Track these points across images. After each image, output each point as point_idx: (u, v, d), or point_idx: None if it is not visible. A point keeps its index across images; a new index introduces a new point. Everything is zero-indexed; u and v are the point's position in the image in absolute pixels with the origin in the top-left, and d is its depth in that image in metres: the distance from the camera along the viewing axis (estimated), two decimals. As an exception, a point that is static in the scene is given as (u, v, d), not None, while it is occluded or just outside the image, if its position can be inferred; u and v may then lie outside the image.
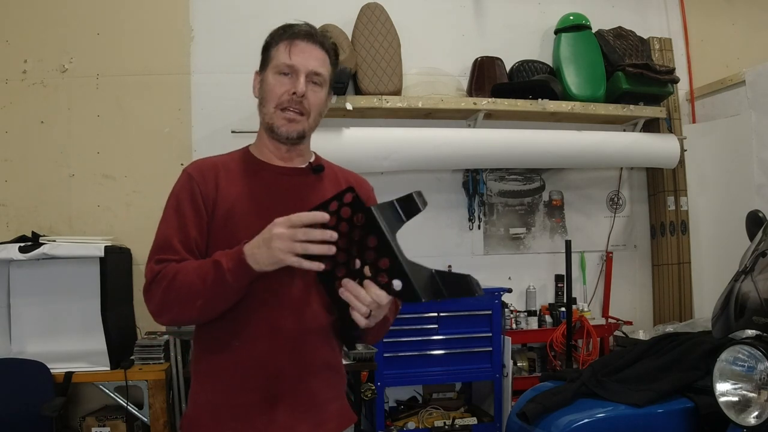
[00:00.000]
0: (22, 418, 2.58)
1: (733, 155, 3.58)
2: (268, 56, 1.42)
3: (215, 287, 1.23)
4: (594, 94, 3.62)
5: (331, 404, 1.41)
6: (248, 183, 1.39)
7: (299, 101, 1.36)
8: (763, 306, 1.88)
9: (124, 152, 3.34)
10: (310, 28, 1.43)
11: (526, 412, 2.27)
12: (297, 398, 1.34)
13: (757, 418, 1.80)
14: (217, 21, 3.47)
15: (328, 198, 1.19)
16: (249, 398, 1.32)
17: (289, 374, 1.33)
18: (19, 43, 3.30)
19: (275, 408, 1.32)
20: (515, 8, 3.89)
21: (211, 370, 1.36)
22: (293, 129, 1.38)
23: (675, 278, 3.86)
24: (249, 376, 1.32)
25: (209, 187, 1.36)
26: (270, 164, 1.43)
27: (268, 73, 1.41)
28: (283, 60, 1.37)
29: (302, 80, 1.36)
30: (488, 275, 3.71)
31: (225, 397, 1.33)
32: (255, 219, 1.31)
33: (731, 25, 4.23)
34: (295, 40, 1.39)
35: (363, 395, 2.91)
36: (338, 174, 1.52)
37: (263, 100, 1.41)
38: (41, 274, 3.03)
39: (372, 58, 3.33)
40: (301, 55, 1.38)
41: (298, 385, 1.35)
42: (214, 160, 1.44)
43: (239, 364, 1.32)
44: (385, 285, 1.15)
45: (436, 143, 3.39)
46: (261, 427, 1.32)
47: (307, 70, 1.38)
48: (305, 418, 1.35)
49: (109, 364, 2.73)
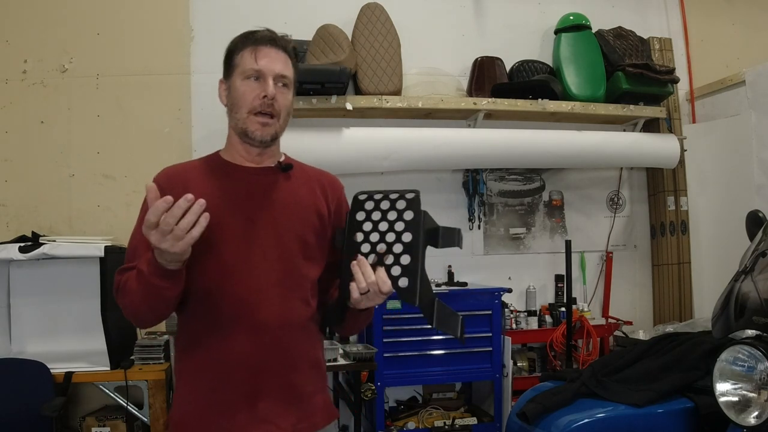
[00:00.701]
0: (22, 418, 2.58)
1: (733, 155, 3.58)
2: (233, 63, 1.45)
3: (147, 290, 1.26)
4: (594, 94, 3.62)
5: (313, 398, 1.44)
6: (219, 184, 1.42)
7: (270, 104, 1.40)
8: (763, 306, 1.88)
9: (124, 152, 3.34)
10: (272, 33, 1.45)
11: (526, 412, 2.27)
12: (280, 393, 1.37)
13: (757, 418, 1.80)
14: (217, 21, 3.46)
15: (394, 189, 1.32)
16: (232, 394, 1.34)
17: (271, 369, 1.36)
18: (19, 43, 3.30)
19: (258, 403, 1.35)
20: (515, 8, 3.89)
21: (193, 368, 1.38)
22: (267, 133, 1.41)
23: (675, 278, 3.86)
24: (232, 373, 1.34)
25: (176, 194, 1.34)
26: (240, 166, 1.46)
27: (235, 80, 1.43)
28: (250, 65, 1.40)
29: (271, 83, 1.40)
30: (488, 275, 3.71)
31: (209, 394, 1.35)
32: (228, 218, 1.35)
33: (731, 25, 4.23)
34: (259, 45, 1.42)
35: (363, 395, 2.91)
36: (308, 172, 1.55)
37: (234, 107, 1.43)
38: (41, 274, 3.03)
39: (372, 58, 3.33)
40: (266, 59, 1.41)
41: (281, 380, 1.37)
42: (183, 165, 1.47)
43: (222, 360, 1.35)
44: (394, 278, 1.24)
45: (436, 143, 3.39)
46: (245, 421, 1.34)
47: (274, 74, 1.41)
48: (288, 412, 1.38)
49: (109, 364, 2.73)
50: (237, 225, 1.37)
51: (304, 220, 1.44)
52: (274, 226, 1.40)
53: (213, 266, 1.35)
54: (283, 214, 1.42)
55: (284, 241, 1.40)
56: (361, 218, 1.33)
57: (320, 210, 1.47)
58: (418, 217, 1.28)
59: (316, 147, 3.24)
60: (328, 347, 2.86)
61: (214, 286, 1.35)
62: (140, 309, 1.32)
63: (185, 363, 1.41)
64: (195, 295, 1.36)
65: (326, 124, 3.42)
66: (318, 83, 3.12)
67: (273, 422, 1.35)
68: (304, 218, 1.44)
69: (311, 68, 3.13)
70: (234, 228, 1.36)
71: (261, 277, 1.36)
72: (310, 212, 1.46)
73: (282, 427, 1.36)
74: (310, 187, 1.49)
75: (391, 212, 1.31)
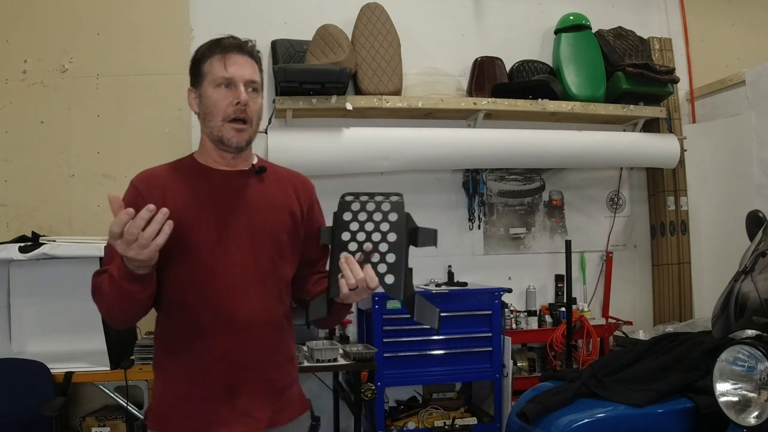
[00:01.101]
0: (22, 418, 2.58)
1: (733, 155, 3.58)
2: (201, 71, 1.47)
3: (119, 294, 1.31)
4: (594, 94, 3.62)
5: (288, 390, 1.51)
6: (195, 187, 1.46)
7: (243, 110, 1.43)
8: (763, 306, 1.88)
9: (124, 152, 3.34)
10: (238, 39, 1.49)
11: (526, 412, 2.27)
12: (258, 387, 1.43)
13: (757, 418, 1.80)
14: (217, 21, 3.46)
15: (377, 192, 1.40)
16: (211, 390, 1.40)
17: (249, 365, 1.42)
18: (19, 43, 3.30)
19: (237, 397, 1.40)
20: (515, 8, 3.89)
21: (173, 367, 1.43)
22: (242, 138, 1.46)
23: (675, 278, 3.86)
24: (210, 369, 1.40)
25: (155, 197, 1.41)
26: (215, 169, 1.50)
27: (206, 88, 1.46)
28: (220, 73, 1.43)
29: (242, 89, 1.43)
30: (488, 275, 3.71)
31: (188, 391, 1.41)
32: (204, 220, 1.42)
33: (731, 25, 4.23)
34: (227, 53, 1.45)
35: (363, 395, 2.91)
36: (281, 174, 1.59)
37: (208, 115, 1.46)
38: (41, 274, 3.02)
39: (372, 58, 3.33)
40: (235, 66, 1.44)
41: (258, 375, 1.44)
42: (161, 168, 1.51)
43: (201, 358, 1.40)
44: (381, 275, 1.33)
45: (436, 143, 3.39)
46: (224, 415, 1.40)
47: (244, 80, 1.44)
48: (266, 405, 1.44)
49: (109, 364, 2.72)
50: (213, 227, 1.42)
51: (278, 221, 1.49)
52: (248, 227, 1.45)
53: (190, 267, 1.40)
54: (257, 215, 1.46)
55: (259, 241, 1.45)
56: (348, 218, 1.38)
57: (293, 210, 1.52)
58: (402, 219, 1.36)
59: (316, 147, 3.25)
60: (328, 347, 2.86)
61: (192, 286, 1.40)
62: (113, 311, 1.38)
63: (165, 360, 1.46)
64: (173, 295, 1.41)
65: (326, 124, 3.42)
66: (318, 83, 3.12)
67: (252, 415, 1.41)
68: (277, 219, 1.49)
69: (311, 68, 3.13)
70: (210, 230, 1.41)
71: (237, 276, 1.41)
72: (283, 213, 1.51)
73: (261, 419, 1.43)
74: (283, 188, 1.54)
75: (376, 213, 1.37)
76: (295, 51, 3.39)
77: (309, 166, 3.29)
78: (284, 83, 3.10)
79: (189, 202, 1.43)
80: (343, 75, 3.11)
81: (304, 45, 3.36)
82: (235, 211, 1.44)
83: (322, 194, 1.64)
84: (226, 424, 1.39)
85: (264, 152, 3.32)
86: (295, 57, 3.37)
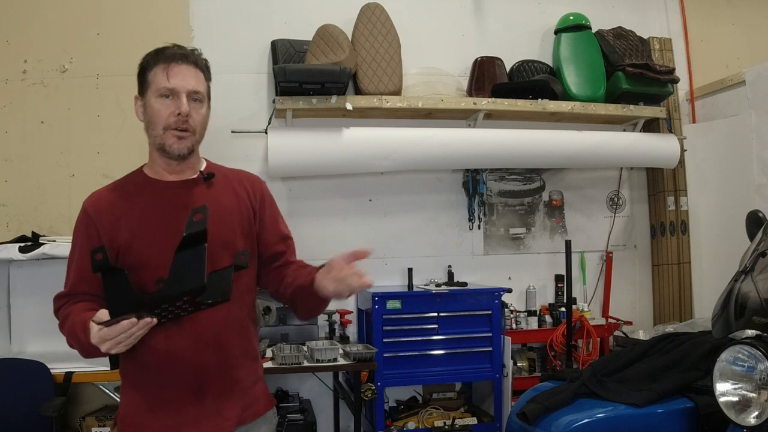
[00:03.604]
0: (22, 418, 2.58)
1: (733, 155, 3.58)
2: (146, 80, 1.50)
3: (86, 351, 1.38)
4: (594, 94, 3.62)
5: (254, 388, 1.55)
6: (144, 202, 1.49)
7: (185, 120, 1.46)
8: (763, 306, 1.88)
9: (124, 152, 3.34)
10: (183, 49, 1.50)
11: (526, 412, 2.27)
12: (224, 387, 1.47)
13: (757, 418, 1.79)
14: (217, 21, 3.47)
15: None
16: (178, 392, 1.43)
17: (214, 367, 1.45)
18: (19, 43, 3.30)
19: (204, 397, 1.44)
20: (515, 8, 3.89)
21: (138, 372, 1.46)
22: (183, 146, 1.48)
23: (675, 278, 3.86)
24: (176, 373, 1.42)
25: (106, 221, 1.46)
26: (163, 181, 1.53)
27: (149, 98, 1.49)
28: (163, 84, 1.46)
29: (184, 100, 1.45)
30: (488, 275, 3.71)
31: (155, 395, 1.44)
32: (159, 237, 1.43)
33: (731, 25, 4.23)
34: (171, 63, 1.47)
35: (363, 395, 2.91)
36: (229, 176, 1.61)
37: (151, 124, 1.50)
38: (41, 274, 3.02)
39: (372, 58, 3.33)
40: (178, 76, 1.46)
41: (224, 376, 1.47)
42: (108, 188, 1.55)
43: (166, 362, 1.42)
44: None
45: (436, 143, 3.38)
46: (192, 415, 1.43)
47: (187, 90, 1.46)
48: (234, 403, 1.48)
49: (109, 364, 2.71)
50: (166, 239, 1.39)
51: (231, 226, 1.51)
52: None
53: (148, 280, 1.40)
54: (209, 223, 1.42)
55: (213, 249, 1.41)
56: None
57: (245, 210, 1.56)
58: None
59: (316, 147, 3.24)
60: (328, 347, 2.86)
61: None
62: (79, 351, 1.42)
63: (130, 365, 1.48)
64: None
65: (326, 124, 3.42)
66: (318, 83, 3.12)
67: (220, 414, 1.45)
68: (230, 223, 1.51)
69: (311, 68, 3.13)
70: (165, 245, 1.38)
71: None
72: (235, 216, 1.53)
73: (229, 417, 1.46)
74: (233, 190, 1.56)
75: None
76: (295, 51, 3.39)
77: (309, 166, 3.31)
78: (284, 83, 3.10)
79: (141, 223, 1.46)
80: (343, 75, 3.11)
81: (304, 45, 3.36)
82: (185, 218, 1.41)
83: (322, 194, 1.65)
84: (196, 424, 1.43)
85: (264, 152, 3.32)
86: (295, 57, 3.37)
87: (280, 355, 2.78)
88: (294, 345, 2.97)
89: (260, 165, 3.38)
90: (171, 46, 1.50)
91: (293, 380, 3.38)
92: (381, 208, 3.65)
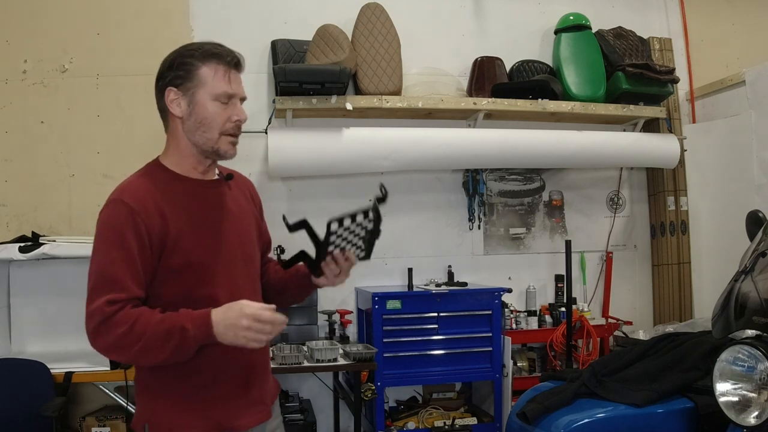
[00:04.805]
0: (22, 418, 2.58)
1: (733, 155, 3.58)
2: (196, 77, 1.44)
3: (179, 350, 1.33)
4: (594, 94, 3.62)
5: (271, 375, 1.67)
6: (186, 202, 1.47)
7: (239, 126, 1.49)
8: (763, 306, 1.88)
9: (124, 152, 3.34)
10: (237, 55, 1.50)
11: (526, 412, 2.27)
12: (262, 377, 1.57)
13: (757, 418, 1.79)
14: (217, 21, 3.46)
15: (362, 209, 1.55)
16: (225, 389, 1.47)
17: (257, 361, 1.54)
18: (19, 43, 3.30)
19: (249, 392, 1.51)
20: (515, 8, 3.89)
21: (182, 373, 1.42)
22: (235, 151, 1.52)
23: (675, 278, 3.86)
24: (224, 371, 1.46)
25: (154, 220, 1.40)
26: (191, 178, 1.51)
27: (202, 98, 1.44)
28: (224, 89, 1.44)
29: (242, 108, 1.49)
30: (488, 275, 3.71)
31: (201, 394, 1.45)
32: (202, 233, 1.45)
33: (731, 25, 4.22)
34: (232, 69, 1.47)
35: (363, 395, 2.91)
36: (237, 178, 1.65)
37: (203, 126, 1.45)
38: (41, 274, 3.03)
39: (372, 58, 3.33)
40: (236, 82, 1.48)
41: (260, 366, 1.57)
42: (145, 186, 1.46)
43: (217, 360, 1.44)
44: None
45: (436, 143, 3.39)
46: (239, 407, 1.49)
47: (241, 97, 1.50)
48: (267, 390, 1.60)
49: (109, 364, 2.72)
50: (209, 237, 1.46)
51: (250, 225, 1.60)
52: (236, 233, 1.52)
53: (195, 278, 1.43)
54: (238, 222, 1.54)
55: (245, 245, 1.55)
56: (333, 241, 1.50)
57: (254, 212, 1.65)
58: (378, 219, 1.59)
59: (316, 147, 3.24)
60: (328, 347, 2.86)
61: (200, 295, 1.42)
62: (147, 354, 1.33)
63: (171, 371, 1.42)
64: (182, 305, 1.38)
65: (326, 124, 3.42)
66: (318, 83, 3.12)
67: (262, 402, 1.55)
68: (249, 223, 1.60)
69: (311, 68, 3.13)
70: (208, 240, 1.45)
71: (236, 280, 1.49)
72: (251, 217, 1.62)
73: (267, 404, 1.58)
74: (243, 193, 1.64)
75: (357, 231, 1.58)
76: (295, 51, 3.39)
77: (309, 166, 3.31)
78: (284, 83, 3.10)
79: (187, 218, 1.45)
80: (343, 75, 3.11)
81: (304, 45, 3.36)
82: (222, 219, 1.50)
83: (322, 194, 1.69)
84: (244, 415, 1.49)
85: (264, 152, 3.32)
86: (295, 57, 3.37)
87: (280, 355, 2.78)
88: (294, 345, 2.97)
89: (260, 165, 3.38)
90: (224, 47, 1.48)
91: (293, 380, 3.38)
92: (381, 208, 3.64)
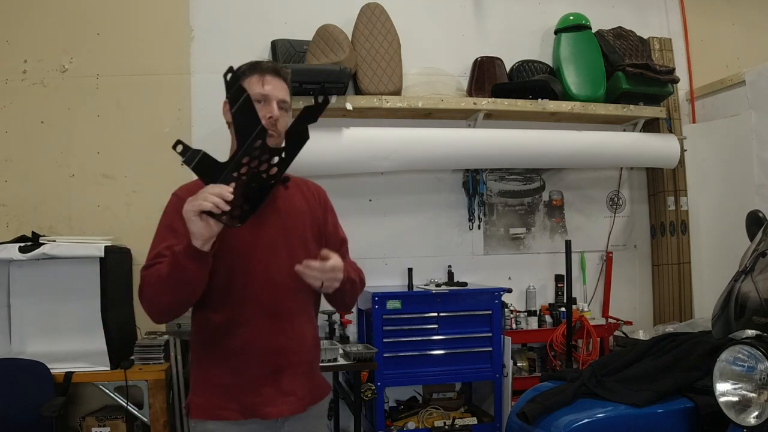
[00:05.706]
0: (22, 418, 2.58)
1: (733, 155, 3.58)
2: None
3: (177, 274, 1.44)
4: (594, 94, 3.62)
5: (318, 373, 1.74)
6: None
7: (274, 123, 1.60)
8: (763, 306, 1.88)
9: (124, 152, 3.34)
10: (275, 64, 1.70)
11: (526, 412, 2.27)
12: (297, 369, 1.62)
13: (757, 418, 1.79)
14: (217, 21, 3.47)
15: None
16: (256, 373, 1.57)
17: (290, 350, 1.61)
18: (19, 43, 3.30)
19: (280, 378, 1.59)
20: (515, 8, 3.89)
21: (216, 357, 1.59)
22: (272, 143, 1.59)
23: (675, 278, 3.86)
24: (254, 355, 1.57)
25: None
26: None
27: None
28: (258, 90, 1.61)
29: (275, 106, 1.62)
30: (488, 275, 3.71)
31: (233, 377, 1.57)
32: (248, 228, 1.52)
33: (731, 25, 4.23)
34: (266, 75, 1.64)
35: (363, 395, 2.91)
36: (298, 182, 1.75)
37: None
38: (41, 274, 3.03)
39: (372, 58, 3.33)
40: (271, 84, 1.64)
41: (298, 358, 1.63)
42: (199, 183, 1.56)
43: (244, 346, 1.56)
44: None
45: (436, 143, 3.39)
46: (269, 395, 1.57)
47: (277, 99, 1.63)
48: (304, 384, 1.64)
49: (109, 364, 2.73)
50: (254, 230, 1.58)
51: (303, 224, 1.70)
52: (283, 231, 1.64)
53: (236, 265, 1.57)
54: (287, 220, 1.66)
55: (291, 242, 1.64)
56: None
57: (314, 214, 1.74)
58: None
59: (316, 147, 3.21)
60: (328, 347, 2.86)
61: (238, 280, 1.58)
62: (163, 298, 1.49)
63: (206, 353, 1.61)
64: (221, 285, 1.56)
65: (326, 124, 3.41)
66: (318, 83, 3.12)
67: (294, 394, 1.60)
68: (302, 222, 1.70)
69: (311, 68, 3.13)
70: (251, 232, 1.57)
71: (275, 272, 1.60)
72: (306, 216, 1.71)
73: (303, 397, 1.62)
74: (303, 195, 1.75)
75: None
76: (295, 51, 3.39)
77: (309, 166, 3.29)
78: (284, 83, 3.10)
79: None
80: (343, 75, 3.11)
81: (304, 45, 3.36)
82: (270, 216, 1.61)
83: None
84: (273, 403, 1.57)
85: (264, 152, 3.32)
86: (295, 57, 3.37)
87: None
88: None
89: (260, 165, 3.38)
90: (266, 61, 1.70)
91: (293, 380, 3.38)
92: (381, 208, 3.65)
